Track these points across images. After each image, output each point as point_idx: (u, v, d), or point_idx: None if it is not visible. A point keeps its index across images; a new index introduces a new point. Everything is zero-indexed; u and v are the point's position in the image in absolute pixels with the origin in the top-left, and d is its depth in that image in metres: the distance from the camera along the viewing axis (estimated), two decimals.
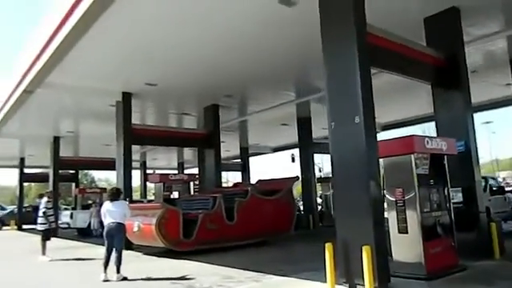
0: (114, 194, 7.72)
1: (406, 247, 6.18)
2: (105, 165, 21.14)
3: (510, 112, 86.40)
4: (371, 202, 5.60)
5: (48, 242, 10.39)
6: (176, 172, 26.00)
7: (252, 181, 21.14)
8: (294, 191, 12.99)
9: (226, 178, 25.10)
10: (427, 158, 6.63)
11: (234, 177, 34.15)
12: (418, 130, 20.78)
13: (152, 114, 15.59)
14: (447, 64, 7.74)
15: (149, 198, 25.66)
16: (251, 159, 25.04)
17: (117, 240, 7.37)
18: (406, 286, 5.64)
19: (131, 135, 12.63)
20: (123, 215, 7.50)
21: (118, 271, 7.25)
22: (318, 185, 17.97)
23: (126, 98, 12.55)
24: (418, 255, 6.02)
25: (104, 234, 7.49)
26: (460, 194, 7.27)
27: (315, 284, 6.04)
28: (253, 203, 11.30)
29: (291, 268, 7.37)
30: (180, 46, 9.38)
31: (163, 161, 29.08)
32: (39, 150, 21.21)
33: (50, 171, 19.65)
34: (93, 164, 22.94)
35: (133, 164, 13.71)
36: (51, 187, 18.39)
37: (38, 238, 10.96)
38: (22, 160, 24.99)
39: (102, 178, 56.73)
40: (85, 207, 19.30)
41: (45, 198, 10.64)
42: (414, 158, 6.28)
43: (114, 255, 7.32)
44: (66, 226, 18.92)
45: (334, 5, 6.16)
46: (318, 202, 17.52)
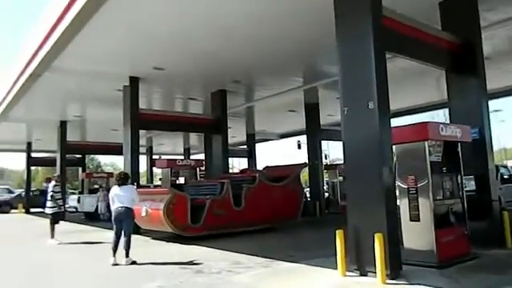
0: (123, 179, 7.69)
1: (418, 235, 6.12)
2: (112, 149, 21.26)
3: None
4: (384, 190, 5.53)
5: (56, 226, 10.45)
6: (182, 158, 26.01)
7: (258, 167, 21.12)
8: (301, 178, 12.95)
9: (231, 164, 25.03)
10: (440, 146, 6.53)
11: (239, 163, 34.27)
12: (425, 118, 20.58)
13: (158, 98, 15.51)
14: (463, 49, 7.53)
15: (155, 183, 25.75)
16: (257, 146, 24.97)
17: (125, 224, 7.38)
18: (417, 274, 5.57)
19: (138, 120, 12.58)
20: (131, 200, 7.49)
21: (126, 255, 7.27)
22: (324, 172, 17.93)
23: (134, 82, 12.46)
24: (430, 243, 5.97)
25: (112, 218, 7.49)
26: (472, 182, 7.16)
27: (326, 271, 6.01)
28: (260, 189, 11.25)
29: (301, 254, 7.35)
30: (188, 31, 9.23)
31: (169, 146, 29.11)
32: (46, 135, 21.29)
33: (57, 155, 19.75)
34: (100, 149, 23.07)
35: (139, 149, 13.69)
36: (58, 171, 18.47)
37: (46, 222, 11.04)
38: (29, 144, 25.12)
39: (108, 162, 57.26)
40: (91, 191, 19.44)
41: (52, 182, 10.65)
42: (428, 145, 6.18)
43: (122, 239, 7.33)
44: (74, 210, 19.09)
45: None
46: (324, 188, 17.47)
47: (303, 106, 16.54)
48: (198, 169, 16.53)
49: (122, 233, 7.34)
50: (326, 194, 17.66)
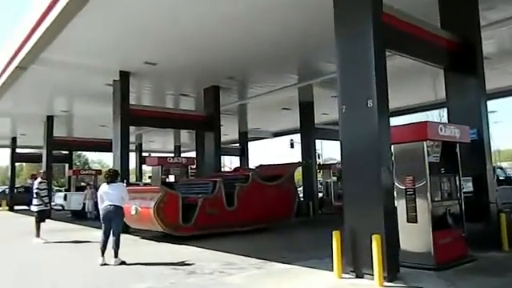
0: (112, 176, 7.45)
1: (415, 237, 6.03)
2: (100, 146, 20.88)
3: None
4: (382, 190, 5.43)
5: (42, 224, 10.13)
6: (172, 155, 25.69)
7: (250, 166, 20.94)
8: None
9: (222, 162, 24.81)
10: (439, 146, 6.46)
11: (231, 161, 34.07)
12: (419, 119, 20.60)
13: (148, 94, 15.22)
14: (462, 48, 7.45)
15: (144, 181, 25.40)
16: (249, 144, 24.77)
17: (115, 223, 7.17)
18: (414, 276, 5.49)
19: (129, 116, 12.29)
20: (121, 198, 7.27)
21: (115, 255, 7.05)
22: (317, 171, 17.80)
23: (124, 77, 12.16)
24: (427, 245, 5.89)
25: (101, 217, 7.27)
26: (470, 184, 7.10)
27: (321, 272, 5.91)
28: (254, 188, 11.08)
29: (294, 256, 7.22)
30: (181, 25, 9.02)
31: (159, 144, 28.80)
32: (32, 130, 20.83)
33: (43, 151, 19.27)
34: (88, 145, 22.64)
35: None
36: (44, 168, 18.03)
37: (31, 220, 10.75)
38: (13, 139, 24.60)
39: (95, 159, 56.57)
40: (78, 189, 19.04)
41: (38, 179, 10.35)
42: (427, 146, 6.08)
43: (111, 239, 7.12)
44: (60, 207, 18.64)
45: None
46: (318, 188, 17.36)
47: (298, 104, 16.37)
48: (189, 167, 16.30)
49: (111, 232, 7.13)
50: (320, 194, 17.52)
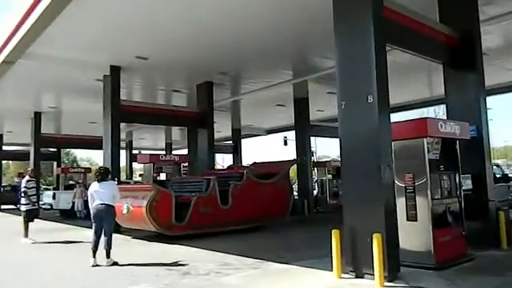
0: (103, 174, 7.21)
1: (415, 235, 5.94)
2: (90, 143, 20.49)
3: (506, 99, 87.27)
4: (383, 188, 5.33)
5: (30, 224, 9.82)
6: (163, 153, 25.37)
7: (243, 163, 20.75)
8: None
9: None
10: (439, 143, 6.38)
11: (223, 159, 33.83)
12: (416, 115, 20.52)
13: (139, 90, 14.90)
14: (461, 43, 7.37)
15: (135, 179, 25.04)
16: (242, 141, 24.55)
17: (106, 223, 6.94)
18: (414, 276, 5.40)
19: (120, 112, 11.97)
20: (112, 196, 7.04)
21: (107, 256, 6.83)
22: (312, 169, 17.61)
23: (115, 71, 11.85)
24: (427, 244, 5.82)
25: (92, 216, 7.02)
26: (469, 181, 7.03)
27: (319, 272, 5.79)
28: (248, 187, 10.90)
29: (292, 255, 7.09)
30: (173, 18, 8.78)
31: (150, 141, 28.39)
32: (18, 126, 20.36)
33: (31, 149, 18.81)
34: (76, 142, 22.10)
35: None
36: (32, 166, 17.57)
37: (18, 219, 10.45)
38: None
39: (84, 157, 55.72)
40: (67, 187, 18.65)
41: (26, 177, 10.04)
42: (427, 142, 5.97)
43: (103, 239, 6.89)
44: (48, 207, 18.20)
45: None
46: (313, 186, 17.17)
47: (292, 101, 16.17)
48: (182, 165, 16.04)
49: (103, 232, 6.90)
50: (315, 192, 17.34)
